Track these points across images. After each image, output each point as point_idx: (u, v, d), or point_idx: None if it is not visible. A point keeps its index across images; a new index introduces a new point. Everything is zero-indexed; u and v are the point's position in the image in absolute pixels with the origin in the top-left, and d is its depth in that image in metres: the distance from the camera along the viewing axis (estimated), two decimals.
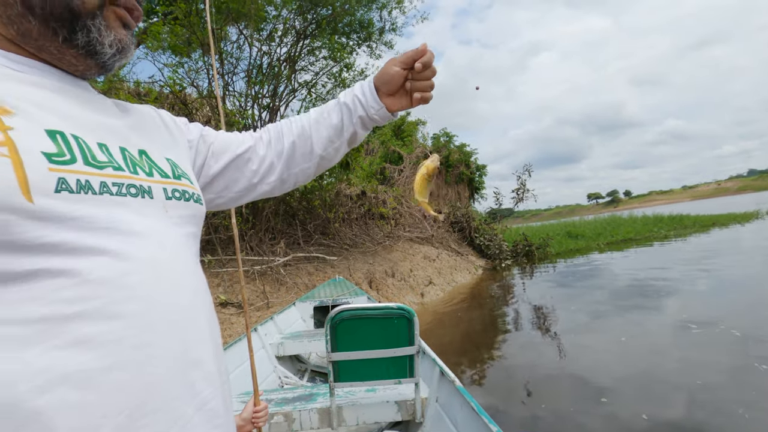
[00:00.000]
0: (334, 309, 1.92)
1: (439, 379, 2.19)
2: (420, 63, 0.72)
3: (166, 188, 0.54)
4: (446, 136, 19.74)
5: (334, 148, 0.81)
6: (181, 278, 0.51)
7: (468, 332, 5.98)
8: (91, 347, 0.39)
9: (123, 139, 0.53)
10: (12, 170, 0.37)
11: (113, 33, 0.51)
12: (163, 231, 0.51)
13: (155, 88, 7.29)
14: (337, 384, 1.98)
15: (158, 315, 0.45)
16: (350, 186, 10.73)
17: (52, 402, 0.36)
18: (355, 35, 8.36)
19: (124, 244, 0.44)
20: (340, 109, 0.80)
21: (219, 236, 6.41)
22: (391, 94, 0.78)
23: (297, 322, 4.27)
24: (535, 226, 22.10)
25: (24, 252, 0.38)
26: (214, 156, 0.75)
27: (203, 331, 0.52)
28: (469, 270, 11.42)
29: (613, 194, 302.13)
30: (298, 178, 0.83)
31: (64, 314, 0.38)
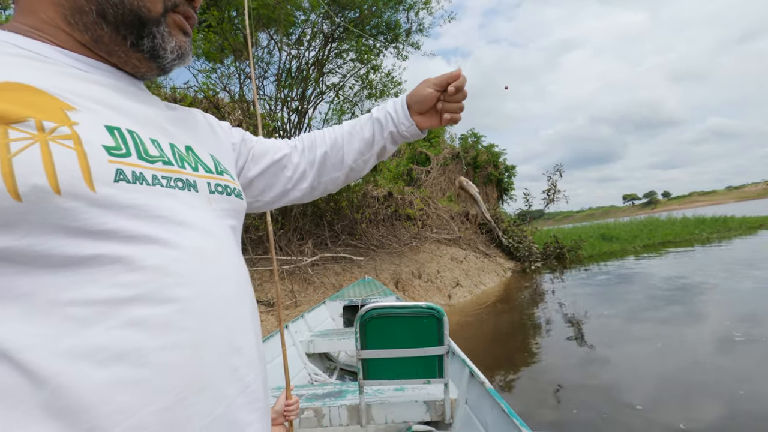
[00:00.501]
0: (364, 307, 1.94)
1: (469, 380, 2.16)
2: (453, 87, 0.76)
3: (209, 182, 0.57)
4: (474, 136, 19.50)
5: (363, 160, 0.86)
6: (226, 268, 0.53)
7: (496, 335, 5.89)
8: (145, 328, 0.42)
9: (172, 136, 0.57)
10: (77, 162, 0.41)
11: (174, 39, 0.56)
12: (208, 222, 0.53)
13: (190, 94, 7.57)
14: (366, 382, 1.98)
15: (205, 302, 0.48)
16: (377, 187, 10.77)
17: (110, 377, 0.39)
18: (382, 37, 8.40)
19: (174, 234, 0.47)
20: (372, 124, 0.84)
21: (249, 236, 6.58)
22: (422, 113, 0.82)
23: (326, 321, 4.33)
24: (567, 228, 21.47)
25: (87, 237, 0.41)
26: (254, 159, 0.80)
27: (246, 320, 0.54)
28: (498, 272, 11.23)
29: (651, 195, 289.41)
30: (328, 187, 0.88)
31: (120, 297, 0.41)
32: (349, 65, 8.48)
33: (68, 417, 0.37)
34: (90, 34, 0.51)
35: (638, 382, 3.61)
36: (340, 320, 4.47)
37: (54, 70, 0.47)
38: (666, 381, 3.58)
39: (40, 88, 0.43)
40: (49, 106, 0.42)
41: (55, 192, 0.39)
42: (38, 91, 0.42)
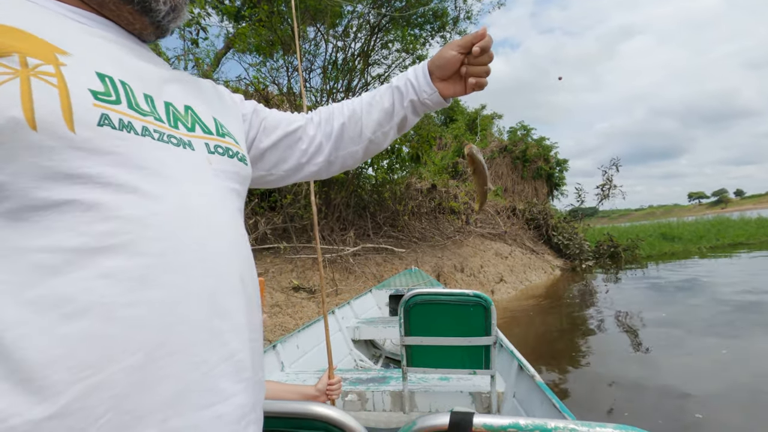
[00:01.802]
0: (409, 292, 1.92)
1: (518, 373, 2.09)
2: (478, 47, 0.69)
3: (208, 143, 0.55)
4: (523, 129, 18.79)
5: (383, 132, 0.81)
6: (218, 227, 0.50)
7: (542, 334, 5.65)
8: (116, 281, 0.39)
9: (170, 95, 0.55)
10: (58, 100, 0.39)
11: (176, 10, 0.54)
12: (202, 179, 0.51)
13: (241, 87, 7.85)
14: (410, 369, 1.96)
15: (187, 259, 0.45)
16: (421, 180, 10.68)
17: (76, 331, 0.37)
18: (428, 26, 8.26)
19: (158, 186, 0.45)
20: (392, 93, 0.79)
21: (294, 225, 6.75)
22: (444, 78, 0.76)
23: (372, 309, 4.38)
24: (623, 226, 20.21)
25: (61, 181, 0.39)
26: (266, 131, 0.77)
27: (235, 283, 0.50)
28: (545, 269, 10.79)
29: (721, 193, 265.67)
30: (346, 161, 0.83)
31: (91, 247, 0.39)
32: (395, 55, 8.43)
33: (21, 370, 0.35)
34: None
35: (698, 390, 3.31)
36: (386, 309, 4.51)
37: (54, 20, 0.47)
38: (730, 390, 3.26)
39: (34, 32, 0.42)
40: (39, 45, 0.41)
41: (31, 127, 0.37)
42: (30, 35, 0.41)
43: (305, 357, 2.75)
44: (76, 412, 0.36)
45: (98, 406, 0.37)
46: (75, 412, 0.36)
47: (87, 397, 0.36)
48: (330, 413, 0.76)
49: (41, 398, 0.35)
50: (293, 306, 4.94)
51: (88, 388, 0.36)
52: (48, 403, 0.35)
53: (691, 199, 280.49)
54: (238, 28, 7.42)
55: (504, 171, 17.60)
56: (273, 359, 2.52)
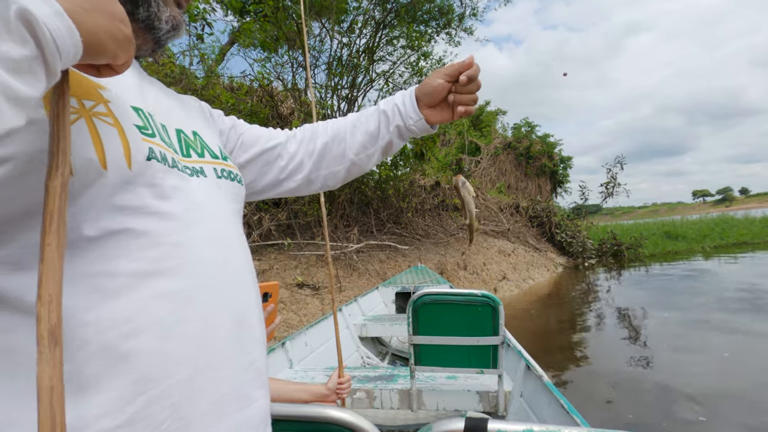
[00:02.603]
0: (417, 292, 1.93)
1: (525, 373, 2.11)
2: (465, 76, 0.69)
3: (216, 168, 0.58)
4: (528, 125, 18.71)
5: (367, 154, 0.81)
6: (234, 249, 0.55)
7: (544, 332, 5.67)
8: (168, 302, 0.43)
9: (178, 121, 0.57)
10: (119, 139, 0.42)
11: (169, 10, 0.55)
12: (218, 205, 0.55)
13: (246, 83, 7.85)
14: (418, 367, 1.98)
15: (218, 280, 0.49)
16: (424, 177, 10.67)
17: (137, 348, 0.40)
18: (434, 22, 8.22)
19: (191, 214, 0.49)
20: (378, 117, 0.78)
21: (298, 221, 6.76)
22: (432, 106, 0.75)
23: (379, 306, 4.40)
24: (627, 224, 20.15)
25: (117, 212, 0.42)
26: (243, 146, 0.77)
27: (252, 299, 0.56)
28: (548, 267, 10.79)
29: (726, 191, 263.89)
30: (327, 181, 0.83)
31: (145, 271, 0.42)
32: (400, 52, 8.40)
33: (91, 384, 0.38)
34: None
35: (702, 391, 3.33)
36: (392, 306, 4.53)
37: None
38: (733, 391, 3.27)
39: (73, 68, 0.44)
40: (84, 83, 0.43)
41: (102, 167, 0.40)
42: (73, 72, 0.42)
43: (313, 354, 2.78)
44: (141, 420, 0.39)
45: (159, 414, 0.41)
46: (140, 420, 0.39)
47: (150, 407, 0.40)
48: (346, 417, 0.78)
49: (109, 410, 0.38)
50: (297, 303, 4.96)
51: (150, 399, 0.40)
52: (118, 413, 0.38)
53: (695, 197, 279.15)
54: (243, 23, 7.41)
55: (507, 168, 17.55)
56: (282, 357, 2.54)
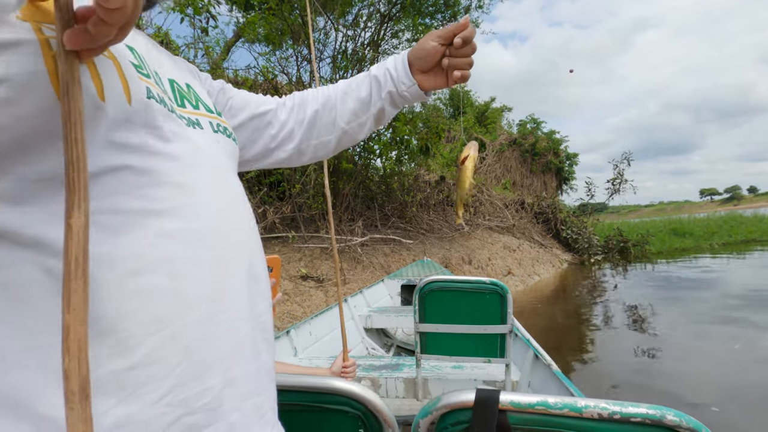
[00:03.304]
0: (424, 279, 1.91)
1: (533, 362, 2.09)
2: (460, 38, 0.65)
3: (212, 122, 0.56)
4: (533, 122, 18.60)
5: (358, 123, 0.77)
6: (240, 201, 0.53)
7: (550, 327, 5.63)
8: (175, 241, 0.41)
9: (170, 72, 0.55)
10: (116, 72, 0.40)
11: None
12: (218, 156, 0.53)
13: (251, 77, 7.84)
14: (424, 356, 1.96)
15: (227, 227, 0.47)
16: (429, 172, 10.64)
17: (145, 286, 0.38)
18: (440, 15, 8.16)
19: (194, 158, 0.47)
20: (369, 83, 0.75)
21: (302, 214, 6.76)
22: (425, 71, 0.71)
23: (384, 298, 4.40)
24: (633, 222, 20.01)
25: (117, 148, 0.40)
26: (231, 110, 0.74)
27: (259, 252, 0.54)
28: (553, 263, 10.74)
29: (734, 190, 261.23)
30: (318, 151, 0.80)
31: (148, 209, 0.40)
32: (405, 45, 8.35)
33: (101, 324, 0.36)
34: None
35: (713, 384, 3.29)
36: (398, 298, 4.53)
37: None
38: (745, 385, 3.23)
39: None
40: None
41: (101, 99, 0.37)
42: None
43: (318, 343, 2.77)
44: (154, 362, 0.38)
45: (173, 356, 0.39)
46: (154, 362, 0.38)
47: (162, 348, 0.38)
48: (350, 387, 0.76)
49: (121, 350, 0.36)
50: (301, 294, 4.96)
51: (162, 340, 0.38)
52: (129, 353, 0.37)
53: (702, 195, 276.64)
54: (248, 16, 7.39)
55: (513, 164, 17.47)
56: (286, 344, 2.54)
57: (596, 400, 0.60)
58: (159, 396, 0.38)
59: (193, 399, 0.40)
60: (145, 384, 0.37)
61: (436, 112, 15.71)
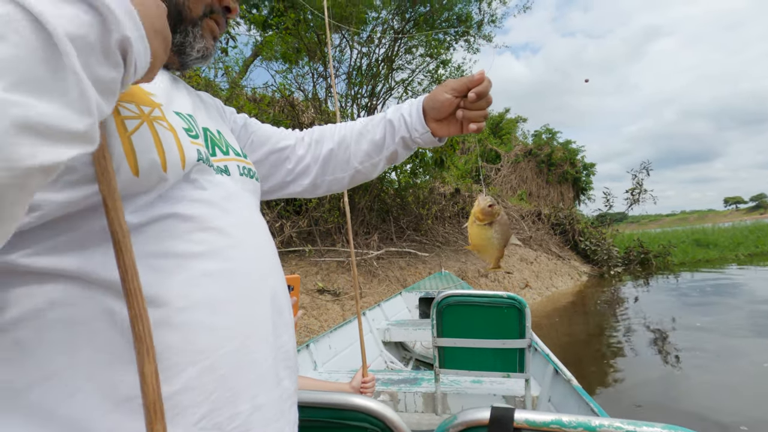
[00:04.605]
0: (442, 293, 1.91)
1: (553, 377, 2.07)
2: (474, 93, 0.66)
3: (238, 165, 0.61)
4: (548, 132, 18.48)
5: (371, 163, 0.80)
6: (265, 240, 0.58)
7: (568, 342, 5.53)
8: (214, 280, 0.46)
9: (202, 120, 0.59)
10: (174, 143, 0.46)
11: (204, 41, 0.58)
12: (245, 200, 0.58)
13: (268, 94, 8.05)
14: (442, 370, 1.96)
15: (255, 265, 0.52)
16: (444, 184, 10.64)
17: (190, 321, 0.43)
18: (453, 30, 8.26)
19: (227, 202, 0.52)
20: (384, 126, 0.77)
21: (318, 228, 6.84)
22: (439, 119, 0.73)
23: (402, 311, 4.40)
24: (654, 232, 19.54)
25: (164, 200, 0.45)
26: (252, 145, 0.78)
27: (283, 286, 0.59)
28: (572, 275, 10.55)
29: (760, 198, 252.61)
30: (332, 187, 0.83)
31: (193, 252, 0.45)
32: (419, 60, 8.47)
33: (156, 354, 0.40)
34: None
35: (740, 402, 3.18)
36: (416, 311, 4.51)
37: None
38: None
39: None
40: (134, 88, 0.46)
41: (163, 168, 0.43)
42: None
43: (337, 357, 2.79)
44: (194, 388, 0.42)
45: (209, 384, 0.43)
46: (194, 388, 0.42)
47: (201, 376, 0.43)
48: (369, 404, 0.78)
49: (166, 377, 0.40)
50: (318, 308, 5.00)
51: (201, 369, 0.43)
52: (174, 380, 0.41)
53: (727, 204, 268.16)
54: (266, 36, 7.62)
55: (529, 175, 17.34)
56: (306, 358, 2.56)
57: (611, 419, 0.62)
58: (197, 419, 0.42)
59: (225, 422, 0.44)
60: (186, 408, 0.41)
61: None
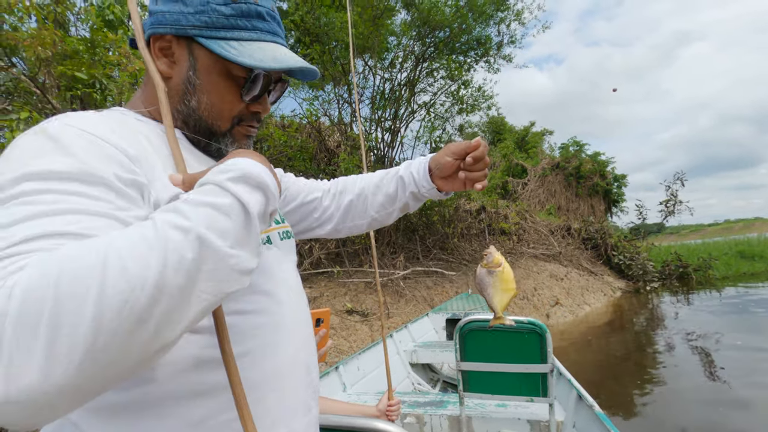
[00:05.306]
0: (463, 319, 1.98)
1: (577, 402, 2.09)
2: (471, 157, 0.76)
3: (279, 232, 0.72)
4: (576, 145, 18.15)
5: (386, 212, 0.92)
6: (300, 296, 0.72)
7: (604, 361, 5.39)
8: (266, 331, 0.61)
9: None
10: None
11: (236, 144, 0.67)
12: (286, 260, 0.71)
13: (296, 120, 8.41)
14: (467, 394, 2.00)
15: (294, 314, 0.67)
16: (470, 201, 10.66)
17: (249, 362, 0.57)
18: (473, 52, 8.43)
19: (272, 267, 0.65)
20: (396, 181, 0.89)
21: (346, 249, 7.01)
22: (443, 177, 0.84)
23: (430, 333, 4.44)
24: (694, 243, 18.66)
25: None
26: (286, 199, 0.90)
27: (311, 332, 0.73)
28: (605, 292, 10.24)
29: None
30: (352, 231, 0.96)
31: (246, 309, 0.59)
32: (440, 83, 8.65)
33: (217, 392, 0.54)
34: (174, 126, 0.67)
35: None
36: (443, 333, 4.54)
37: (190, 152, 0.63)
38: None
39: None
40: None
41: None
42: None
43: (366, 379, 2.87)
44: None
45: (258, 412, 0.56)
46: None
47: (253, 407, 0.55)
48: (391, 429, 0.89)
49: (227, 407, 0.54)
50: (347, 329, 5.12)
51: (254, 401, 0.55)
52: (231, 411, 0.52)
53: None
54: None
55: (557, 189, 17.04)
56: (335, 380, 2.66)
57: None
58: None
59: None
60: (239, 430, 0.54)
61: None
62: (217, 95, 0.62)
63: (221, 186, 0.43)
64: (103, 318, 0.33)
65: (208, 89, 0.61)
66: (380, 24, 7.23)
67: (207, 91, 0.61)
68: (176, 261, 0.37)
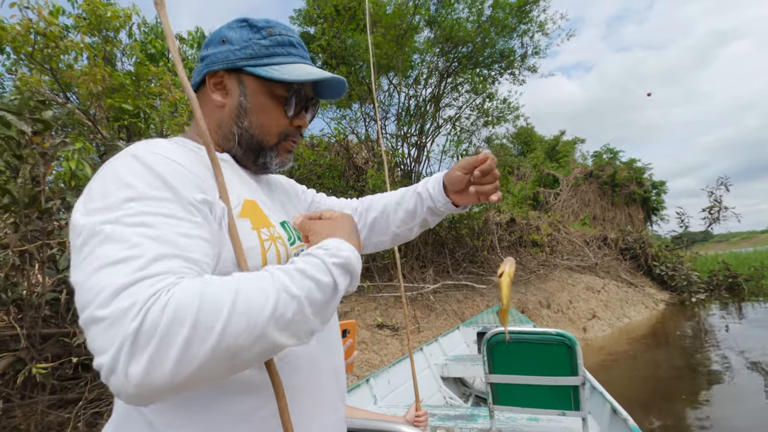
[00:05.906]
0: (491, 331, 1.98)
1: (611, 416, 2.04)
2: (479, 171, 0.80)
3: (297, 252, 0.74)
4: (609, 152, 17.63)
5: (407, 228, 0.96)
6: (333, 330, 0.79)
7: (650, 378, 5.13)
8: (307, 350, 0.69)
9: (283, 213, 0.79)
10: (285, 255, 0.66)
11: (280, 158, 0.77)
12: None
13: (325, 139, 8.66)
14: (497, 407, 1.99)
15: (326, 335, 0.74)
16: (500, 213, 10.54)
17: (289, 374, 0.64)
18: (497, 65, 8.45)
19: None
20: (415, 198, 0.93)
21: (376, 264, 7.07)
22: (456, 192, 0.88)
23: (461, 346, 4.42)
24: (745, 252, 17.54)
25: None
26: None
27: (340, 344, 0.81)
28: (646, 304, 9.78)
29: None
30: (377, 247, 1.01)
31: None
32: (465, 97, 8.70)
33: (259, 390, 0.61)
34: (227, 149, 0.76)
35: None
36: (474, 346, 4.49)
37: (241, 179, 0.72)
38: None
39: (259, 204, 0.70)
40: (262, 214, 0.69)
41: None
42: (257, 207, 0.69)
43: (396, 392, 2.89)
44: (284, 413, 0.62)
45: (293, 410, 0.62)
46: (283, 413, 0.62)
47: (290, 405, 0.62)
48: None
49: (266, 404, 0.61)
50: (378, 343, 5.15)
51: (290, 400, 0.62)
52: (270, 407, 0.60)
53: None
54: None
55: (591, 198, 16.55)
56: (366, 393, 2.70)
57: None
58: None
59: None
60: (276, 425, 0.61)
61: (503, 150, 15.59)
62: (265, 114, 0.73)
63: (327, 267, 0.55)
64: (220, 345, 0.44)
65: (257, 110, 0.72)
66: (403, 43, 7.40)
67: (256, 112, 0.72)
68: (279, 316, 0.48)
